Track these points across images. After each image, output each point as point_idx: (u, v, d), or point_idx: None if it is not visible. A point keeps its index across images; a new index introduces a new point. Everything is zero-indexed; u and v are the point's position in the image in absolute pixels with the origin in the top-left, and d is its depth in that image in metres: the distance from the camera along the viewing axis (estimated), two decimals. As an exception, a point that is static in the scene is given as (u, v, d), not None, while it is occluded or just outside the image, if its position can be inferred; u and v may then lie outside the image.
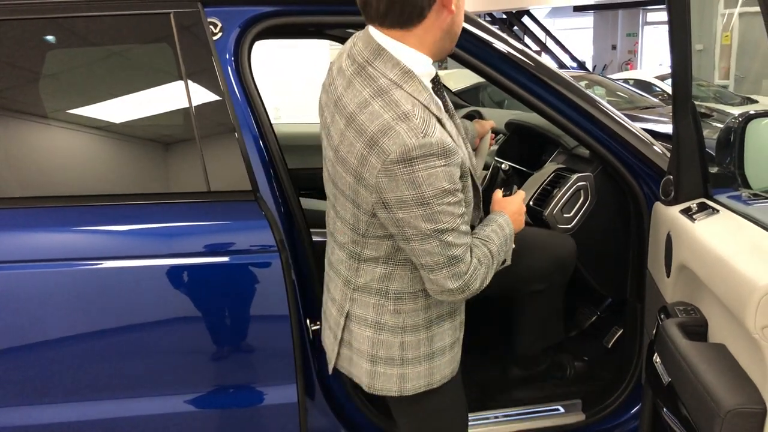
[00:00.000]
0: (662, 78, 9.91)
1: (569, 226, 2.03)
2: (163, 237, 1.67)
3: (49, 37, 1.72)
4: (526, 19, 15.44)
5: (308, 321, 1.77)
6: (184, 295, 1.65)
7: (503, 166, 2.26)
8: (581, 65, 14.34)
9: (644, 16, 17.29)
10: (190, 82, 1.69)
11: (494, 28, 1.87)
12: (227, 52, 1.73)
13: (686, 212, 1.51)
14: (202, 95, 1.71)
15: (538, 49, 14.60)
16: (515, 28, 15.38)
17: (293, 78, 5.41)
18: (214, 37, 1.72)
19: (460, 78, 7.07)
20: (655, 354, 1.42)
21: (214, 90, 1.70)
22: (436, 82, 1.37)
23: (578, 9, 17.23)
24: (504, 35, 1.86)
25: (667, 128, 3.22)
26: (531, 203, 2.12)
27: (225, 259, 1.67)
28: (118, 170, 1.73)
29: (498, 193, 1.59)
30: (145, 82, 1.76)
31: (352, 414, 1.90)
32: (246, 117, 1.71)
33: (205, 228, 1.69)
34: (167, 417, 1.71)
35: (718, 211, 1.44)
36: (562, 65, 13.67)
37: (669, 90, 9.34)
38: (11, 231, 1.61)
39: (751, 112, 1.59)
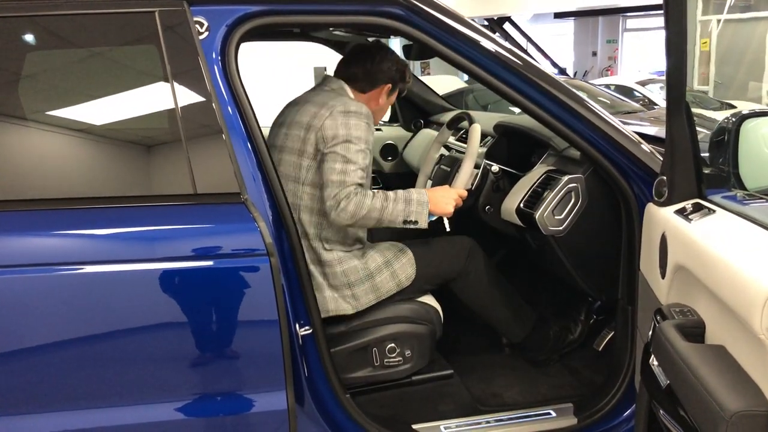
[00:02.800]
0: (643, 83, 10.00)
1: (560, 228, 2.01)
2: (149, 240, 1.63)
3: (29, 37, 1.67)
4: (507, 26, 15.50)
5: (297, 326, 1.74)
6: (170, 300, 1.61)
7: (493, 168, 2.24)
8: (562, 71, 14.41)
9: (624, 23, 17.44)
10: (175, 82, 1.65)
11: (482, 27, 1.85)
12: (214, 51, 1.69)
13: (681, 213, 1.50)
14: (188, 96, 1.67)
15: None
16: (497, 34, 15.41)
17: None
18: (201, 37, 1.68)
19: (442, 84, 7.07)
20: (652, 356, 1.40)
21: (200, 91, 1.67)
22: None
23: (559, 15, 17.33)
24: (492, 35, 1.85)
25: (650, 130, 3.24)
26: (522, 206, 2.10)
27: (212, 263, 1.63)
28: (103, 173, 1.68)
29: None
30: (130, 82, 1.72)
31: (341, 420, 1.86)
32: (233, 118, 1.68)
33: (191, 231, 1.65)
34: (155, 426, 1.66)
35: (714, 211, 1.43)
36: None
37: (650, 95, 9.48)
38: None
39: (745, 112, 1.58)
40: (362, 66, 2.14)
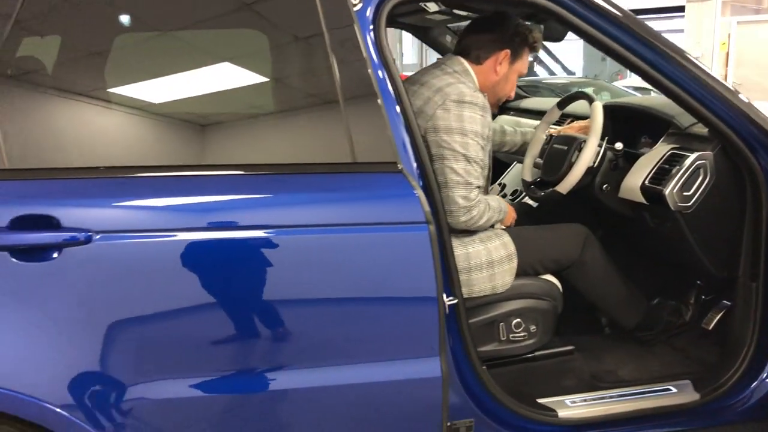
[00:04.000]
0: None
1: (688, 204, 2.03)
2: (315, 206, 1.63)
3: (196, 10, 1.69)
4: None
5: (444, 295, 1.75)
6: (333, 266, 1.62)
7: (617, 145, 2.25)
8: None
9: (634, 27, 17.47)
10: (333, 52, 1.67)
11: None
12: (367, 22, 1.71)
13: None
14: (346, 66, 1.68)
15: (530, 59, 14.64)
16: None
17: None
18: (355, 8, 1.70)
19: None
20: None
21: (357, 61, 1.68)
22: None
23: (569, 19, 17.35)
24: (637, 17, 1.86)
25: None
26: (647, 182, 2.12)
27: (374, 231, 1.64)
28: (268, 141, 1.70)
29: None
30: (291, 54, 1.74)
31: (478, 391, 1.87)
32: (386, 89, 1.69)
33: (354, 198, 1.66)
34: (308, 391, 1.66)
35: None
36: (553, 75, 13.75)
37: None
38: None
39: None
40: (475, 35, 2.10)
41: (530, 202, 2.74)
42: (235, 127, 1.72)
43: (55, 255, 1.48)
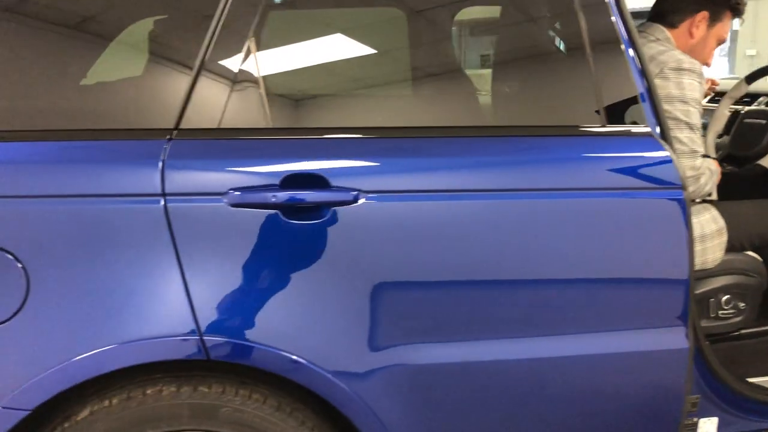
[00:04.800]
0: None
1: None
2: (572, 169, 1.57)
3: None
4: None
5: None
6: (583, 232, 1.56)
7: None
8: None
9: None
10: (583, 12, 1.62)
11: None
12: None
13: None
14: (594, 21, 1.62)
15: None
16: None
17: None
18: None
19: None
20: None
21: (604, 16, 1.62)
22: None
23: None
24: None
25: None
26: None
27: (631, 195, 1.58)
28: (512, 103, 1.66)
29: None
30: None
31: (700, 365, 1.80)
32: (625, 38, 1.62)
33: (609, 162, 1.60)
34: (561, 359, 1.61)
35: None
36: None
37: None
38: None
39: None
40: None
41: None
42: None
43: (326, 214, 1.44)
